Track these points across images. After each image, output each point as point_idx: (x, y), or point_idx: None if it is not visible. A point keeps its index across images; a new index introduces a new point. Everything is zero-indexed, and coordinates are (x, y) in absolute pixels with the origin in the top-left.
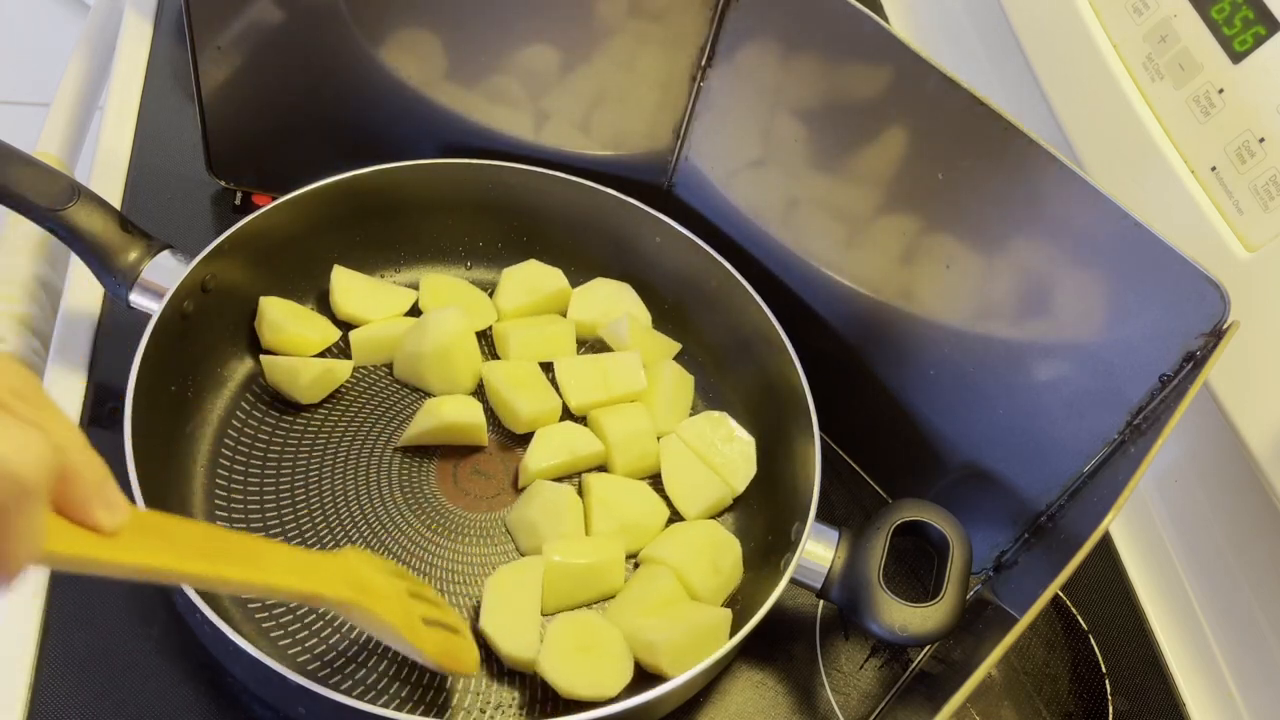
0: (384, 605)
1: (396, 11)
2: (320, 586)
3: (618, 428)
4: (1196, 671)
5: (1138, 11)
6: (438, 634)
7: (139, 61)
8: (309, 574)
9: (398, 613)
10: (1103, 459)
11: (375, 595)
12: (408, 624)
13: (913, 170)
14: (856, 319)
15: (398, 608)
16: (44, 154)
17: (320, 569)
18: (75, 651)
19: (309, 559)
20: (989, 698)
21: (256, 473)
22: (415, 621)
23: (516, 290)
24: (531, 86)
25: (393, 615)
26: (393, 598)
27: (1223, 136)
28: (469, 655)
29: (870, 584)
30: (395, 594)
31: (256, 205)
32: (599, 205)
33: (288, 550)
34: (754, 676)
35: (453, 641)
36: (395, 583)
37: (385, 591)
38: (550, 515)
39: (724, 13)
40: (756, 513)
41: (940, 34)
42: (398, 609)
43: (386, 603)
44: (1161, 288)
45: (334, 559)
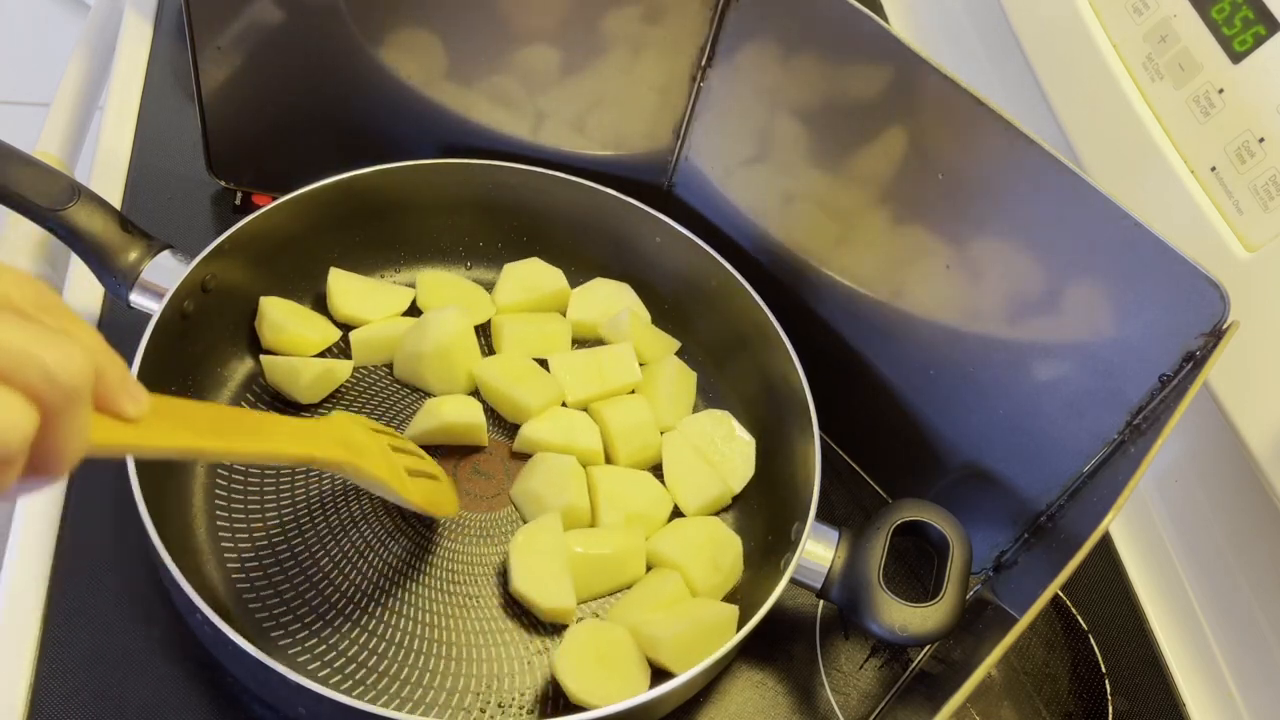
0: (373, 462)
1: (396, 11)
2: (317, 450)
3: (620, 419)
4: (1196, 671)
5: (1138, 11)
6: (422, 483)
7: (139, 61)
8: (306, 440)
9: (385, 467)
10: (1103, 459)
11: (365, 454)
12: (395, 476)
13: (913, 170)
14: (856, 319)
15: (384, 463)
16: (44, 154)
17: (316, 434)
18: (75, 651)
19: (305, 426)
20: (989, 698)
21: (256, 473)
22: (401, 473)
23: (516, 287)
24: (531, 86)
25: (381, 470)
26: (379, 454)
27: (1223, 136)
28: (450, 499)
29: (870, 584)
30: (381, 450)
31: (256, 205)
32: (599, 205)
33: (286, 420)
34: (754, 676)
35: (434, 488)
36: (379, 439)
37: (373, 449)
38: (553, 484)
39: (724, 13)
40: (756, 512)
41: (940, 34)
42: (384, 464)
43: (375, 459)
44: (1161, 288)
45: (326, 424)
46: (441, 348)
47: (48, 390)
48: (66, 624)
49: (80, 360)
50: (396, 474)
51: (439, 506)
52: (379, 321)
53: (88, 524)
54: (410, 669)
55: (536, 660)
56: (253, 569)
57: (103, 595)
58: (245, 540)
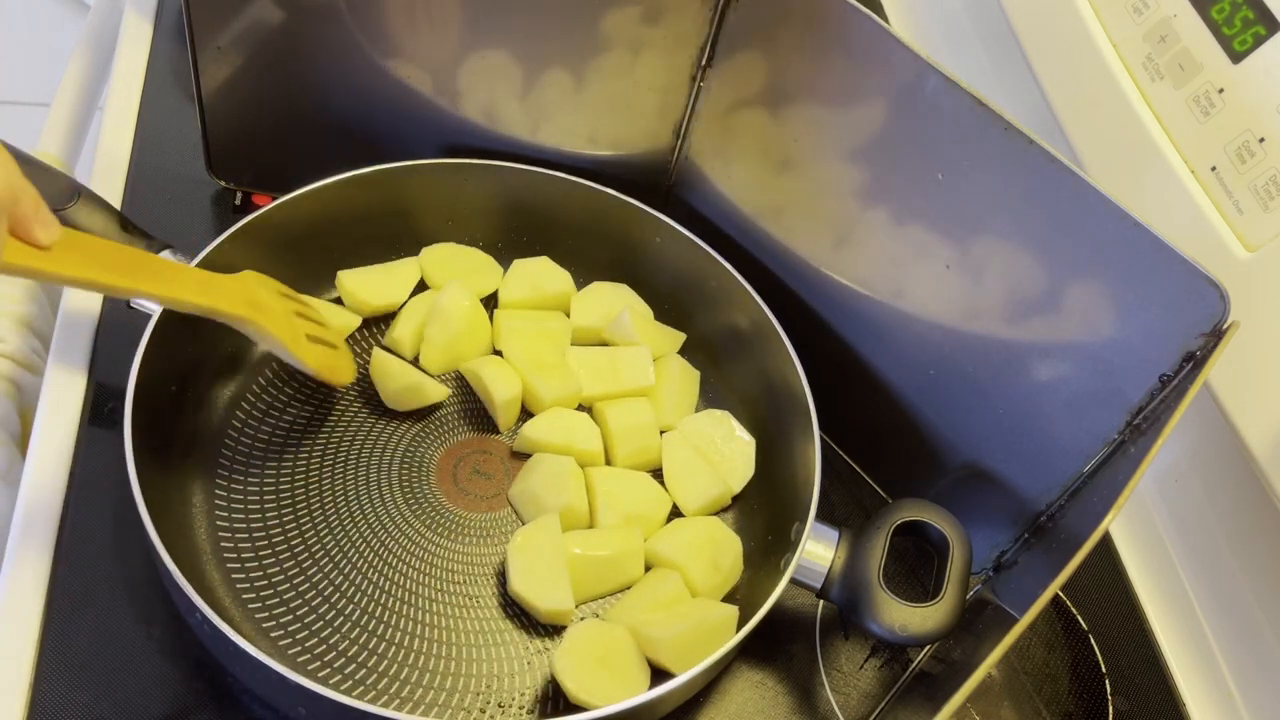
0: (274, 322)
1: (396, 11)
2: (219, 302)
3: (620, 419)
4: (1196, 671)
5: (1138, 11)
6: (319, 349)
7: (139, 61)
8: (211, 291)
9: (285, 329)
10: (1103, 459)
11: (267, 313)
12: (293, 338)
13: (913, 170)
14: (856, 319)
15: (285, 324)
16: (44, 154)
17: (221, 288)
18: (75, 651)
19: (211, 279)
20: (989, 698)
21: (256, 473)
22: (300, 337)
23: (521, 283)
24: (531, 86)
25: (280, 331)
26: (281, 315)
27: (1223, 136)
28: (347, 368)
29: (870, 584)
30: (284, 312)
31: (256, 205)
32: (599, 205)
33: (194, 271)
34: (754, 676)
35: (331, 355)
36: (285, 303)
37: (275, 309)
38: (552, 485)
39: (724, 13)
40: (756, 512)
41: (940, 34)
42: (285, 325)
43: (276, 319)
44: (1161, 288)
45: (233, 281)
46: (464, 328)
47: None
48: (66, 624)
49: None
50: (296, 337)
51: (334, 372)
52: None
53: (88, 524)
54: (410, 669)
55: (536, 660)
56: (253, 569)
57: (103, 595)
58: (245, 540)
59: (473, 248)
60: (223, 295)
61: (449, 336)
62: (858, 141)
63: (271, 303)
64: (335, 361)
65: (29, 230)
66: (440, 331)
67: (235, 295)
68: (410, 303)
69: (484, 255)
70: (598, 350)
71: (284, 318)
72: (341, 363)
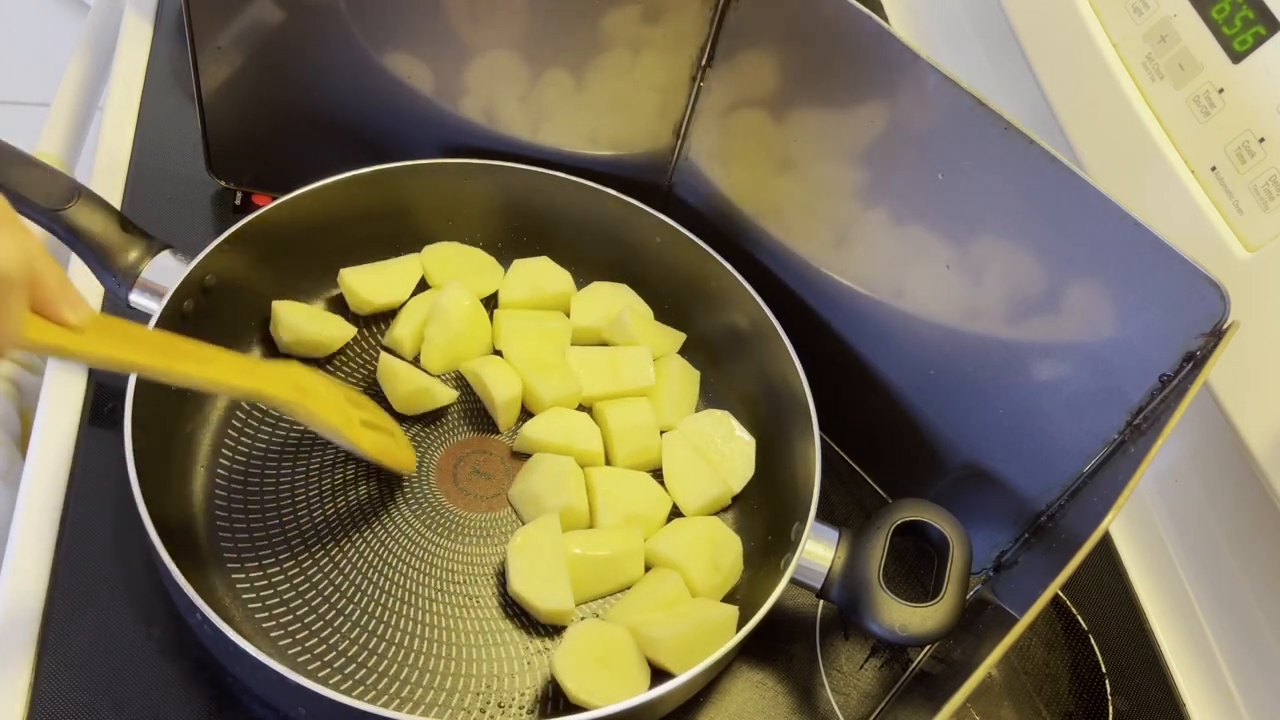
0: (323, 407)
1: (396, 11)
2: (263, 385)
3: (621, 419)
4: (1196, 671)
5: (1138, 11)
6: (376, 434)
7: (139, 61)
8: (254, 375)
9: (336, 414)
10: (1103, 459)
11: (314, 397)
12: (346, 424)
13: (913, 170)
14: (856, 319)
15: (336, 411)
16: (44, 154)
17: (265, 372)
18: (75, 651)
19: (255, 363)
20: (989, 698)
21: (256, 473)
22: (354, 423)
23: (521, 283)
24: (532, 86)
25: (331, 416)
26: (330, 401)
27: (1223, 136)
28: (406, 456)
29: (870, 584)
30: (334, 400)
31: (256, 205)
32: (599, 205)
33: (235, 355)
34: (754, 676)
35: (389, 442)
36: (335, 391)
37: (325, 396)
38: (551, 485)
39: (724, 13)
40: (756, 512)
41: (940, 34)
42: (336, 411)
43: (326, 405)
44: (1161, 288)
45: (279, 366)
46: (465, 328)
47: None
48: (66, 624)
49: (15, 253)
50: (348, 422)
51: (393, 458)
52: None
53: (88, 524)
54: (410, 669)
55: (536, 660)
56: (252, 569)
57: (103, 595)
58: (245, 540)
59: (474, 247)
60: (266, 379)
61: (449, 336)
62: (857, 141)
63: (319, 388)
64: (393, 448)
65: (56, 310)
66: (441, 331)
67: (279, 379)
68: (410, 303)
69: (485, 255)
70: (598, 350)
71: (334, 404)
72: (401, 449)
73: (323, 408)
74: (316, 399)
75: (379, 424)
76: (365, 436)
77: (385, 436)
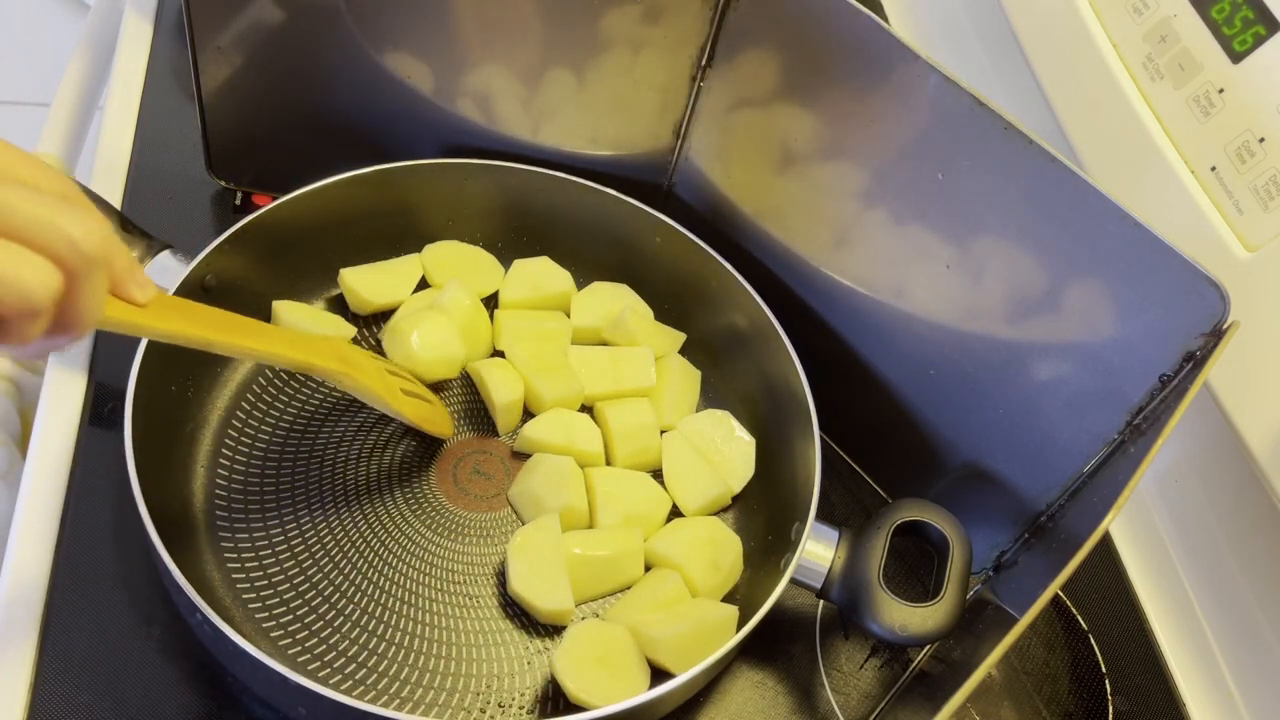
0: (369, 376)
1: (397, 11)
2: (314, 357)
3: (621, 419)
4: (1196, 671)
5: (1138, 11)
6: (415, 402)
7: (139, 61)
8: (305, 347)
9: (379, 383)
10: (1103, 459)
11: (359, 368)
12: (390, 392)
13: (913, 170)
14: (856, 318)
15: (378, 378)
16: (44, 154)
17: (314, 344)
18: (75, 651)
19: (304, 336)
20: (989, 698)
21: (257, 473)
22: (395, 391)
23: (521, 284)
24: (532, 86)
25: (376, 385)
26: (374, 370)
27: (1223, 136)
28: (444, 421)
29: (870, 584)
30: (376, 368)
31: (256, 205)
32: (599, 205)
33: (285, 330)
34: (754, 676)
35: (428, 409)
36: (376, 362)
37: (367, 365)
38: (551, 485)
39: (724, 13)
40: (756, 512)
41: (940, 34)
42: (379, 379)
43: (370, 375)
44: (1161, 288)
45: (325, 339)
46: (465, 325)
47: (72, 257)
48: (66, 624)
49: (99, 233)
50: (391, 390)
51: (433, 424)
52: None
53: (88, 524)
54: (410, 669)
55: (536, 660)
56: (253, 569)
57: (103, 595)
58: (245, 540)
59: (475, 246)
60: (316, 351)
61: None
62: (857, 141)
63: (362, 360)
64: (432, 414)
65: (126, 289)
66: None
67: (328, 351)
68: (409, 301)
69: (485, 254)
70: (599, 350)
71: (376, 373)
72: (439, 416)
73: (368, 377)
74: (361, 369)
75: (418, 392)
76: (407, 404)
77: (424, 404)
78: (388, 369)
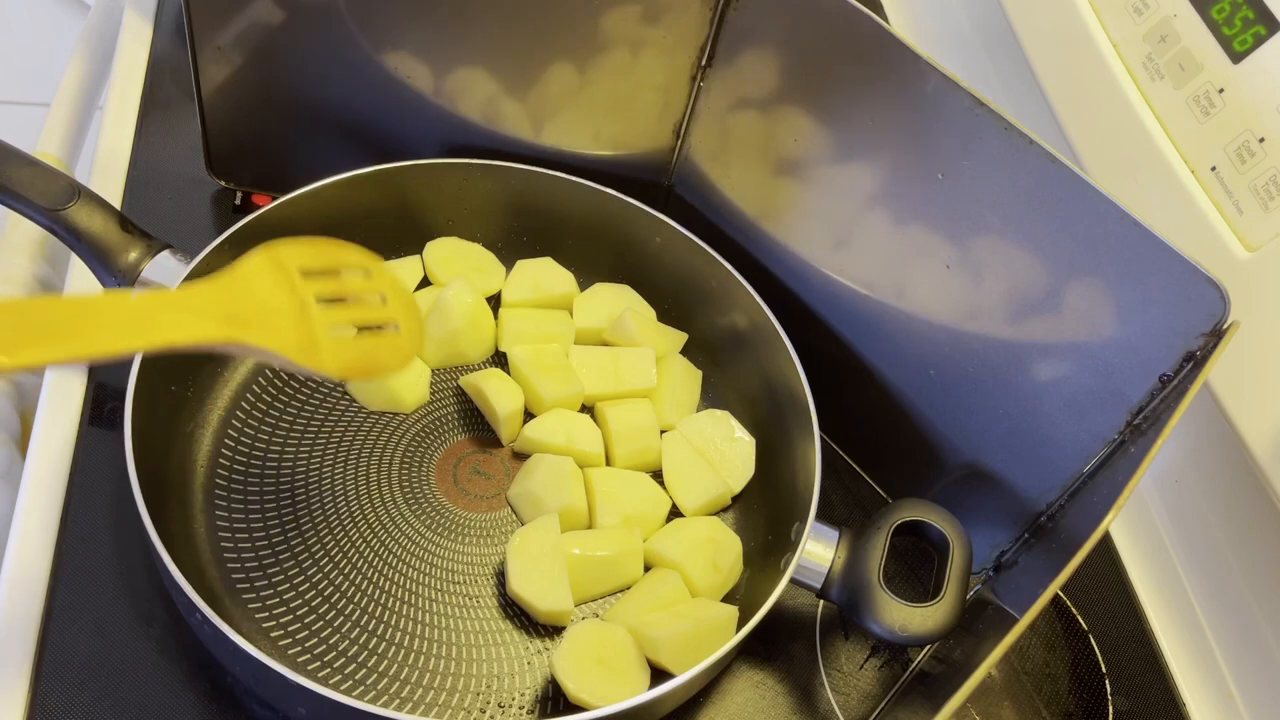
0: (265, 334)
1: (397, 11)
2: (174, 335)
3: (621, 421)
4: (1196, 671)
5: (1138, 11)
6: (344, 346)
7: (139, 61)
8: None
9: (286, 336)
10: (1103, 459)
11: (254, 324)
12: (300, 346)
13: (913, 170)
14: (856, 319)
15: (288, 329)
16: (44, 154)
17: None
18: (75, 652)
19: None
20: (989, 698)
21: (256, 473)
22: (313, 339)
23: (523, 284)
24: (532, 86)
25: (277, 342)
26: (284, 314)
27: (1223, 136)
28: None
29: (870, 584)
30: (288, 310)
31: (256, 205)
32: (599, 205)
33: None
34: (754, 676)
35: (365, 345)
36: (294, 294)
37: (273, 311)
38: (551, 486)
39: (724, 13)
40: (756, 512)
41: (940, 34)
42: (288, 331)
43: (270, 329)
44: (1161, 288)
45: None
46: (468, 323)
47: None
48: (66, 624)
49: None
50: (304, 342)
51: (370, 367)
52: None
53: (88, 524)
54: (410, 669)
55: (536, 660)
56: (253, 569)
57: (103, 595)
58: (245, 540)
59: (475, 244)
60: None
61: (448, 332)
62: (858, 142)
63: (270, 303)
64: (370, 353)
65: None
66: (440, 326)
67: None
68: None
69: (486, 252)
70: (600, 350)
71: (286, 318)
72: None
73: (264, 335)
74: (255, 326)
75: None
76: (327, 356)
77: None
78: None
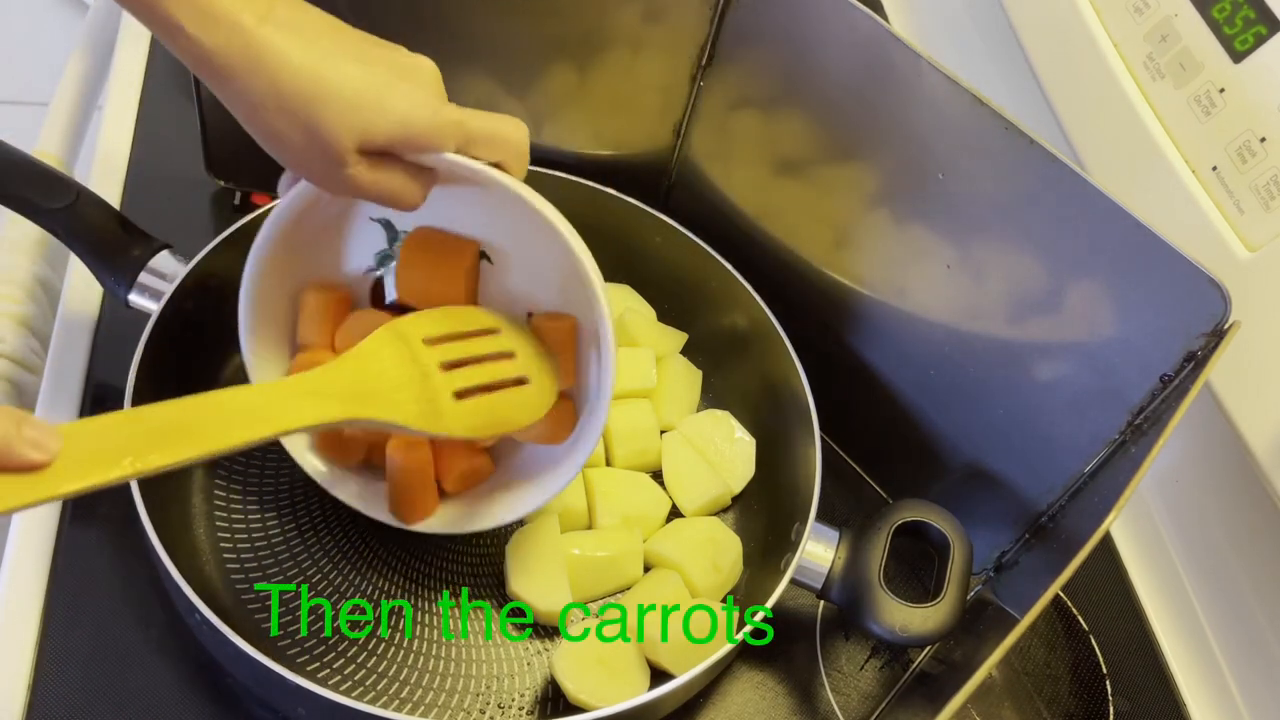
0: (386, 407)
1: (394, 11)
2: (294, 422)
3: (621, 421)
4: (1197, 671)
5: (1138, 11)
6: (468, 408)
7: (139, 61)
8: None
9: (408, 408)
10: (1103, 459)
11: (375, 399)
12: (422, 414)
13: (913, 170)
14: (856, 319)
15: (408, 400)
16: (44, 154)
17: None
18: (75, 652)
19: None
20: (989, 698)
21: (256, 472)
22: (435, 406)
23: None
24: (532, 86)
25: (399, 414)
26: (405, 386)
27: (1224, 136)
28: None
29: (870, 584)
30: (408, 381)
31: (256, 205)
32: (599, 205)
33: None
34: (754, 677)
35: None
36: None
37: (394, 384)
38: None
39: (724, 13)
40: (756, 513)
41: (940, 34)
42: (408, 403)
43: (391, 402)
44: (1162, 288)
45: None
46: None
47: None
48: (66, 624)
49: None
50: (429, 410)
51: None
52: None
53: (87, 524)
54: (410, 669)
55: (536, 661)
56: (252, 570)
57: (103, 595)
58: (245, 541)
59: None
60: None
61: None
62: (857, 141)
63: (389, 376)
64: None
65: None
66: None
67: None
68: None
69: None
70: None
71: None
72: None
73: (389, 410)
74: (377, 400)
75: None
76: (454, 419)
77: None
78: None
